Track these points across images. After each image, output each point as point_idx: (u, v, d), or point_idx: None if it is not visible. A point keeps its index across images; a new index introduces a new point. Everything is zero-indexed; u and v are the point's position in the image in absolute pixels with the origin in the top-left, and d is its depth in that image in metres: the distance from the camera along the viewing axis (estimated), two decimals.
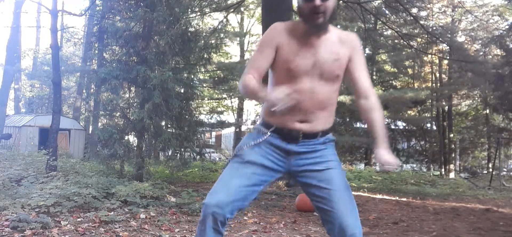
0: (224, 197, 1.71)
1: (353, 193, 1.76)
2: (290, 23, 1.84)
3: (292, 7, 8.66)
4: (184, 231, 4.12)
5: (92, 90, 11.00)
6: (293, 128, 1.77)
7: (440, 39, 14.30)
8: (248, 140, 1.86)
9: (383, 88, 19.41)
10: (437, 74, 21.54)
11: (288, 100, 1.62)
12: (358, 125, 20.63)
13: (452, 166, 19.95)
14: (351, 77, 1.87)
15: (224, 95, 21.52)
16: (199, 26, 11.11)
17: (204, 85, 18.83)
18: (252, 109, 22.52)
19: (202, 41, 9.35)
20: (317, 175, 1.79)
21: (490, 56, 18.37)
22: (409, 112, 20.26)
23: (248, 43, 23.30)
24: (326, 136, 1.85)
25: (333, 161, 1.83)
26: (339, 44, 1.80)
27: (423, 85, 20.69)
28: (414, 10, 13.22)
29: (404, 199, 8.51)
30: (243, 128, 21.35)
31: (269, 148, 1.82)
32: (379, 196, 8.76)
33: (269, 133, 1.81)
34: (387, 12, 12.94)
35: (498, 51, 16.69)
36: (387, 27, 14.77)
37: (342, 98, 17.27)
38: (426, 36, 13.35)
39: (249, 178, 1.77)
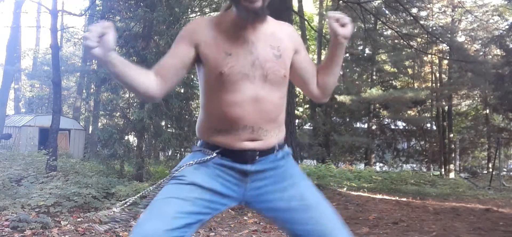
0: (159, 225, 1.23)
1: (353, 193, 1.57)
2: (215, 17, 1.44)
3: (292, 7, 8.67)
4: None
5: (92, 90, 11.02)
6: (245, 148, 1.37)
7: (440, 39, 14.31)
8: (189, 159, 1.42)
9: (383, 88, 19.41)
10: (437, 74, 21.56)
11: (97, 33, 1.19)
12: (358, 125, 20.67)
13: (452, 166, 19.95)
14: (301, 73, 1.49)
15: None
16: None
17: None
18: None
19: None
20: (284, 195, 1.40)
21: (490, 56, 18.37)
22: (409, 112, 20.27)
23: None
24: (283, 149, 1.47)
25: (296, 175, 1.45)
26: (279, 35, 1.43)
27: (423, 85, 20.71)
28: (414, 10, 13.24)
29: (404, 199, 8.51)
30: None
31: (219, 168, 1.39)
32: (379, 196, 8.76)
33: (215, 154, 1.39)
34: (387, 12, 12.94)
35: (498, 51, 16.69)
36: (387, 27, 14.78)
37: (342, 98, 17.30)
38: (426, 36, 13.35)
39: (193, 203, 1.30)
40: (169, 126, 8.90)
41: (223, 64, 1.33)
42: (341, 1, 11.13)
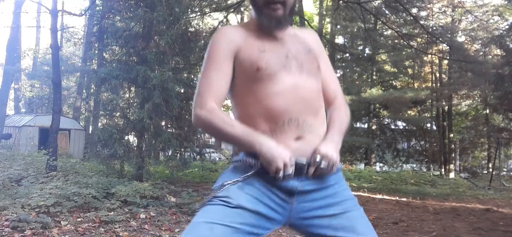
0: None
1: (353, 193, 1.47)
2: (240, 25, 1.44)
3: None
4: None
5: (92, 90, 10.99)
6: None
7: (440, 39, 14.32)
8: (231, 176, 1.31)
9: (383, 88, 19.41)
10: (437, 74, 21.55)
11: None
12: (358, 125, 20.65)
13: (452, 166, 19.95)
14: None
15: None
16: (199, 26, 11.11)
17: None
18: None
19: (202, 41, 9.36)
20: (332, 222, 1.28)
21: (490, 56, 18.37)
22: (409, 112, 20.28)
23: None
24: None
25: (349, 199, 1.34)
26: (302, 36, 1.45)
27: (423, 85, 20.70)
28: (414, 10, 13.23)
29: (404, 199, 8.51)
30: None
31: (264, 185, 1.28)
32: (379, 196, 8.76)
33: (260, 165, 1.26)
34: (387, 12, 12.94)
35: (498, 51, 16.68)
36: (387, 27, 14.78)
37: None
38: (426, 36, 13.36)
39: (236, 231, 1.23)
40: (169, 126, 8.89)
41: (259, 60, 1.31)
42: (341, 1, 11.13)
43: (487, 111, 20.53)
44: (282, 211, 1.29)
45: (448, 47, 17.14)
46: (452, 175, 18.56)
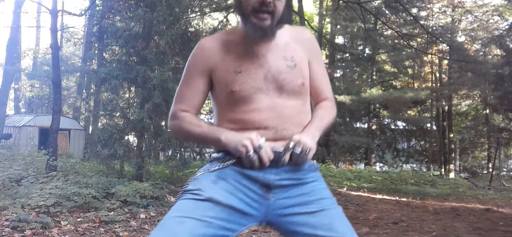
0: None
1: (353, 193, 1.38)
2: (223, 34, 1.41)
3: (292, 7, 8.67)
4: None
5: (92, 90, 11.02)
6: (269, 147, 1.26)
7: (440, 39, 14.34)
8: (206, 168, 1.31)
9: (383, 88, 19.42)
10: (437, 74, 21.56)
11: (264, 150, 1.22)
12: (358, 125, 20.67)
13: (452, 166, 19.97)
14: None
15: None
16: (199, 26, 11.13)
17: None
18: None
19: None
20: (310, 220, 1.26)
21: (490, 56, 18.38)
22: (409, 112, 20.29)
23: None
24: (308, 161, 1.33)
25: (327, 198, 1.31)
26: (293, 44, 1.36)
27: (423, 85, 20.72)
28: (414, 10, 13.25)
29: (404, 199, 8.51)
30: None
31: (239, 179, 1.26)
32: (379, 196, 8.76)
33: (235, 159, 1.27)
34: (387, 12, 12.96)
35: (498, 51, 16.69)
36: (387, 27, 14.80)
37: (342, 98, 17.30)
38: (426, 36, 13.38)
39: (208, 225, 1.18)
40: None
41: (233, 83, 1.29)
42: (341, 1, 11.13)
43: (487, 111, 20.54)
44: (258, 207, 1.26)
45: (448, 47, 17.16)
46: (452, 175, 18.58)
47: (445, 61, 19.51)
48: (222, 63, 1.32)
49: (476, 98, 21.26)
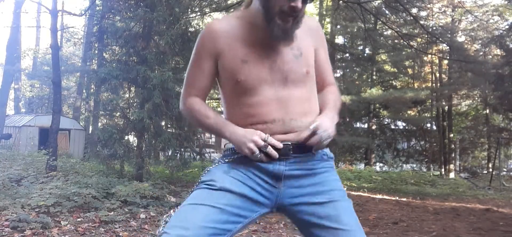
0: (185, 235, 1.18)
1: (353, 193, 1.41)
2: (230, 18, 1.38)
3: None
4: None
5: (92, 90, 11.01)
6: (278, 140, 1.28)
7: (440, 39, 14.33)
8: (218, 160, 1.37)
9: (383, 88, 19.42)
10: (437, 74, 21.55)
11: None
12: (358, 125, 20.66)
13: (452, 166, 19.96)
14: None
15: None
16: (199, 26, 11.10)
17: None
18: None
19: None
20: (318, 210, 1.28)
21: (490, 56, 18.36)
22: (409, 112, 20.28)
23: None
24: (323, 149, 1.35)
25: (337, 189, 1.33)
26: (300, 33, 1.34)
27: (423, 85, 20.71)
28: (414, 10, 13.23)
29: (404, 199, 8.51)
30: None
31: (250, 170, 1.30)
32: (379, 196, 8.76)
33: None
34: (387, 12, 12.95)
35: (498, 51, 16.69)
36: (387, 27, 14.79)
37: (342, 98, 17.24)
38: (426, 36, 13.37)
39: (221, 212, 1.23)
40: (169, 126, 8.89)
41: (239, 72, 1.30)
42: (341, 1, 11.13)
43: (487, 111, 20.53)
44: (269, 195, 1.30)
45: (448, 47, 17.16)
46: (452, 175, 18.57)
47: (445, 61, 19.50)
48: (229, 50, 1.32)
49: (476, 98, 21.25)
